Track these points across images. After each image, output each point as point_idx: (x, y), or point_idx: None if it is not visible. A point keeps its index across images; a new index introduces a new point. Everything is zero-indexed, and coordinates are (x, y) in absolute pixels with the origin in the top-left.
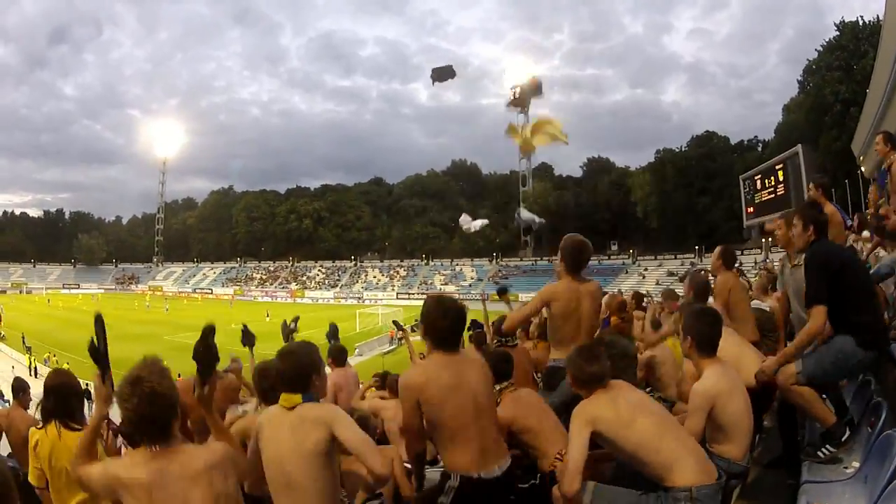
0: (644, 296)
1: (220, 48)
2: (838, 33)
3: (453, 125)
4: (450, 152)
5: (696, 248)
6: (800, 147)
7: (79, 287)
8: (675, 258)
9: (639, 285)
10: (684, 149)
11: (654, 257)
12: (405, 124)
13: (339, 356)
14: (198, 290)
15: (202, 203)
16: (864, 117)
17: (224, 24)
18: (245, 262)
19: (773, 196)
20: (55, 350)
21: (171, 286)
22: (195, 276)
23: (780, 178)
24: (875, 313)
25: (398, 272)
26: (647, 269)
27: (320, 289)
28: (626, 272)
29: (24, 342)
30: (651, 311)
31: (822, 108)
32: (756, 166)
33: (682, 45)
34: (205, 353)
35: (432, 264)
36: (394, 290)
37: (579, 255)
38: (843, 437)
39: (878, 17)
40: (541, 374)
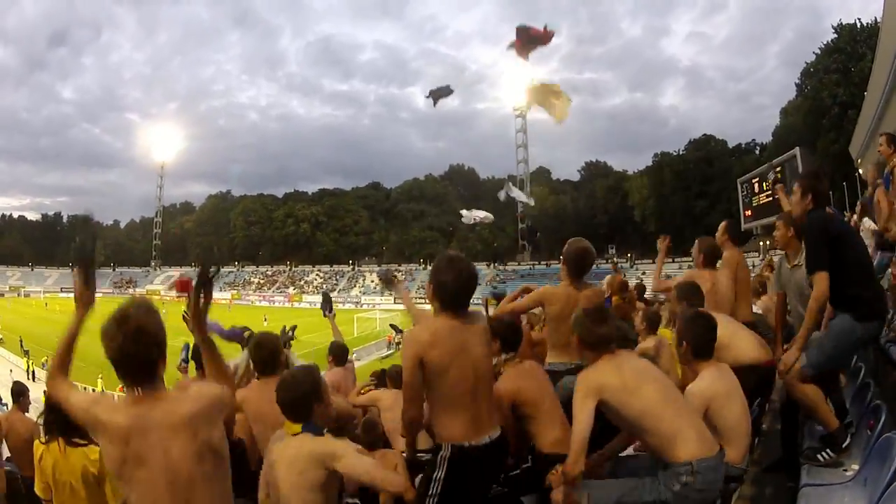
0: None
1: (218, 52)
2: (836, 36)
3: (451, 129)
4: (447, 156)
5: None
6: (797, 150)
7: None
8: (673, 262)
9: None
10: (682, 152)
11: (651, 261)
12: (403, 128)
13: (341, 354)
14: None
15: (200, 207)
16: (862, 120)
17: (223, 27)
18: (243, 267)
19: (771, 199)
20: (53, 354)
21: (168, 290)
22: (192, 280)
23: (778, 181)
24: (871, 286)
25: (396, 276)
26: (644, 273)
27: (318, 293)
28: (624, 276)
29: (21, 346)
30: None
31: (820, 111)
32: (754, 170)
33: (681, 49)
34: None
35: (430, 268)
36: (391, 294)
37: (582, 260)
38: (844, 444)
39: (875, 20)
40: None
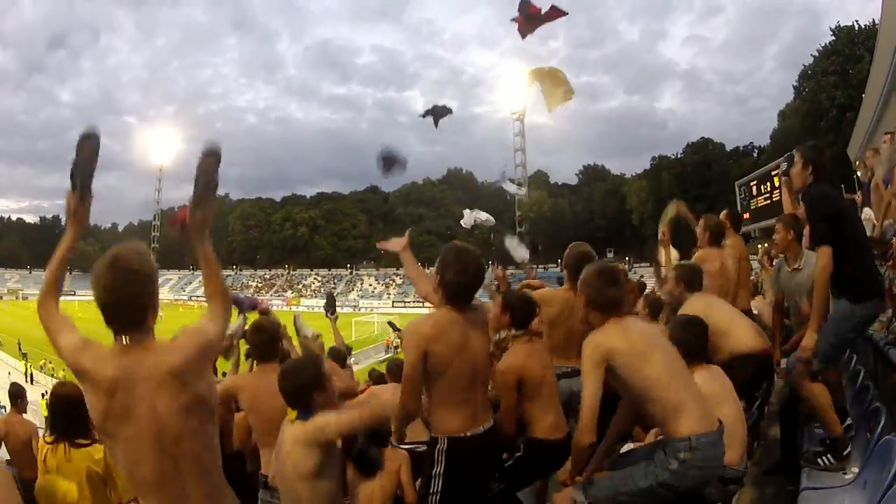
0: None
1: (216, 55)
2: (834, 38)
3: (448, 133)
4: (445, 160)
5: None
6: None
7: (74, 294)
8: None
9: None
10: (680, 156)
11: (650, 265)
12: (401, 132)
13: (339, 359)
14: (193, 298)
15: None
16: (860, 122)
17: (221, 31)
18: (241, 270)
19: (769, 202)
20: (51, 357)
21: (166, 293)
22: (191, 283)
23: (776, 184)
24: (867, 265)
25: (394, 280)
26: (643, 277)
27: (316, 297)
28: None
29: (19, 348)
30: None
31: (818, 114)
32: (752, 172)
33: (678, 52)
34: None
35: (428, 272)
36: (389, 298)
37: (582, 265)
38: (845, 452)
39: (873, 21)
40: None
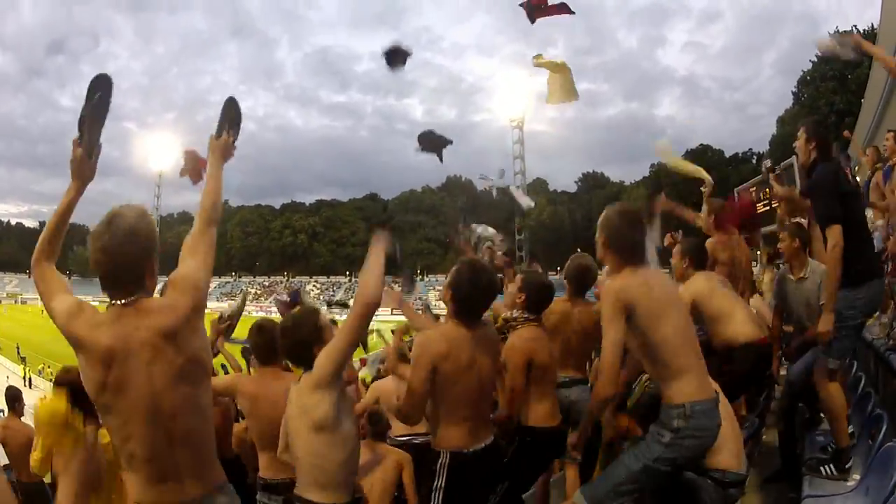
0: None
1: (215, 62)
2: None
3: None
4: (444, 168)
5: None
6: (794, 159)
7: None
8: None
9: None
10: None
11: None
12: (400, 140)
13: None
14: None
15: None
16: (859, 127)
17: (220, 38)
18: (240, 277)
19: (769, 208)
20: (49, 361)
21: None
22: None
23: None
24: (865, 249)
25: (393, 288)
26: None
27: (315, 304)
28: None
29: (18, 352)
30: None
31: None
32: (751, 178)
33: (677, 59)
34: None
35: (427, 280)
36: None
37: (583, 277)
38: (847, 464)
39: (872, 26)
40: None
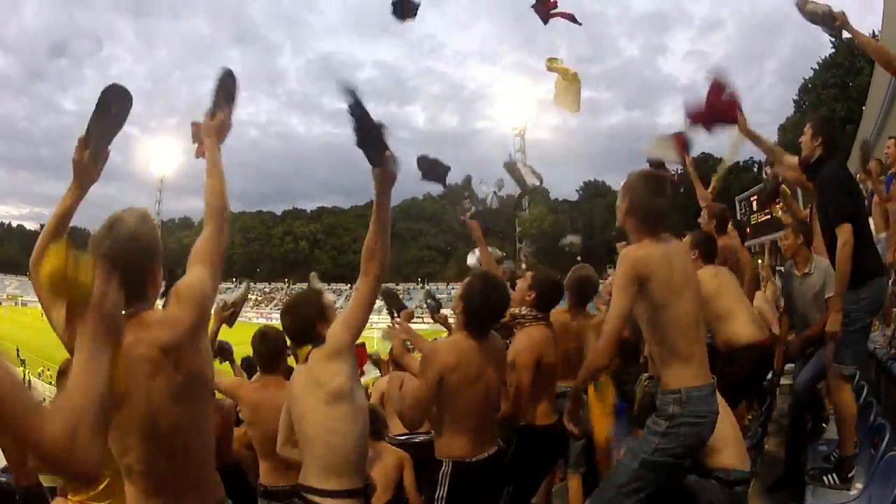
0: None
1: (218, 67)
2: (834, 50)
3: (449, 148)
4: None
5: None
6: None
7: None
8: None
9: None
10: (681, 171)
11: None
12: (402, 147)
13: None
14: None
15: (199, 223)
16: (861, 134)
17: (223, 43)
18: (240, 283)
19: (770, 217)
20: (49, 364)
21: None
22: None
23: (777, 198)
24: (868, 247)
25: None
26: None
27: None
28: None
29: (18, 355)
30: None
31: None
32: (752, 187)
33: (679, 67)
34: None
35: (428, 288)
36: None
37: (584, 289)
38: (850, 474)
39: (873, 32)
40: None
